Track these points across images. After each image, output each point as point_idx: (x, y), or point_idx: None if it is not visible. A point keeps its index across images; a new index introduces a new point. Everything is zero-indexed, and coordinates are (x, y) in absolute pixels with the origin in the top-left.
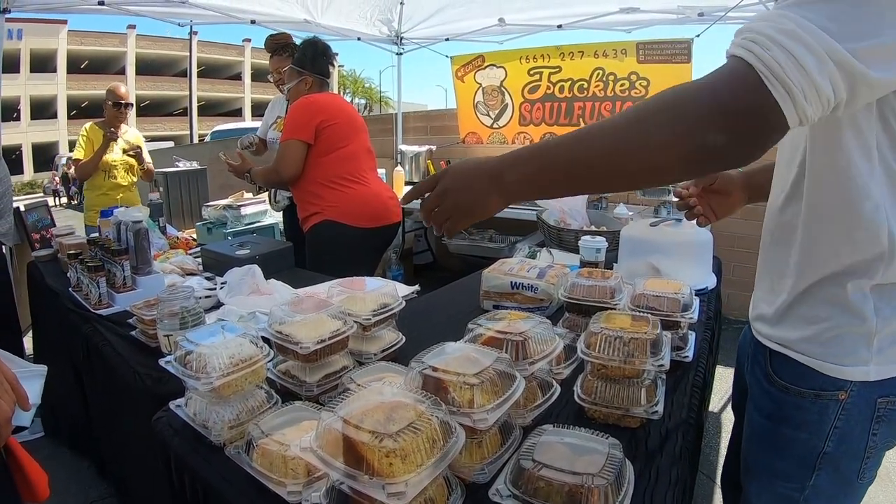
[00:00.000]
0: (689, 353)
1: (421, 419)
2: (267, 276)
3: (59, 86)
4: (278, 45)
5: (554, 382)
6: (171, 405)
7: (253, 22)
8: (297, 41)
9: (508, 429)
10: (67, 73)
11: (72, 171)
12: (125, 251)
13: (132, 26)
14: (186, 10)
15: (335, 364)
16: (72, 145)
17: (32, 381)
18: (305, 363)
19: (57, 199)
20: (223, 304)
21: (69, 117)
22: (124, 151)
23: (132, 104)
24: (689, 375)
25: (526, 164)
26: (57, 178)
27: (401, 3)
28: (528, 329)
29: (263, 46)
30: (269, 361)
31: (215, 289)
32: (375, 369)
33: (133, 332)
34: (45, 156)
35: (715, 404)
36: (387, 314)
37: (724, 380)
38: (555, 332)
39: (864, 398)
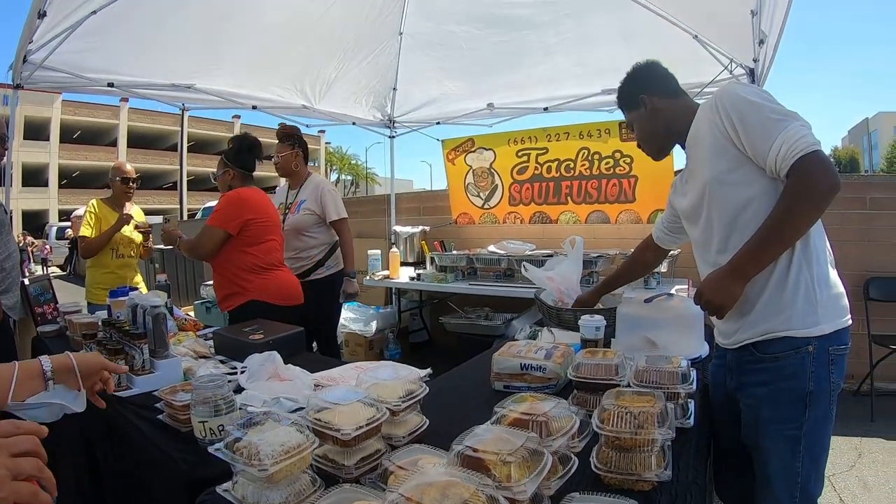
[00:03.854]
0: (691, 419)
1: (473, 496)
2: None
3: (51, 154)
4: (284, 134)
5: (572, 455)
6: (218, 489)
7: (254, 107)
8: (300, 127)
9: (538, 499)
10: (60, 142)
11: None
12: (144, 335)
13: (125, 99)
14: (192, 94)
15: (370, 448)
16: (62, 214)
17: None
18: (344, 448)
19: (45, 267)
20: (244, 389)
21: (60, 186)
22: (136, 227)
23: (138, 179)
24: (692, 440)
25: (757, 255)
26: (48, 247)
27: (393, 88)
28: (549, 410)
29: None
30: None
31: (235, 373)
32: (411, 451)
33: (160, 416)
34: (34, 223)
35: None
36: (414, 400)
37: None
38: (570, 410)
39: (822, 349)
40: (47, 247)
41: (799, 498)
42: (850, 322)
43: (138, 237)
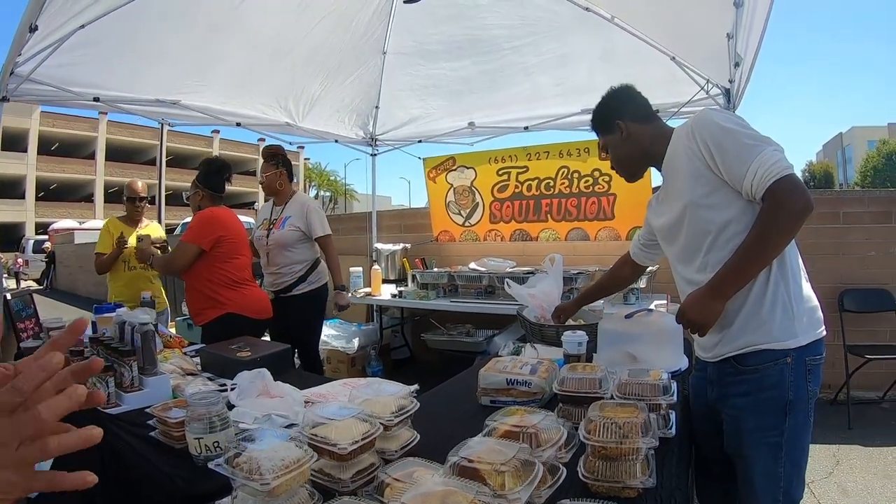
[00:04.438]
0: (672, 429)
1: None
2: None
3: (28, 166)
4: (269, 154)
5: (560, 466)
6: None
7: (238, 124)
8: (282, 143)
9: None
10: (38, 153)
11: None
12: (133, 352)
13: (104, 112)
14: (177, 110)
15: (365, 462)
16: (39, 227)
17: None
18: (341, 462)
19: (18, 282)
20: (234, 406)
21: (37, 198)
22: (152, 243)
23: (147, 198)
24: (674, 449)
25: (736, 276)
26: (20, 260)
27: (376, 107)
28: (538, 422)
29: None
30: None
31: (224, 390)
32: (405, 464)
33: (152, 433)
34: (10, 236)
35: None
36: (405, 415)
37: None
38: (558, 422)
39: (800, 360)
40: (20, 260)
41: (782, 501)
42: (825, 333)
43: (155, 251)
